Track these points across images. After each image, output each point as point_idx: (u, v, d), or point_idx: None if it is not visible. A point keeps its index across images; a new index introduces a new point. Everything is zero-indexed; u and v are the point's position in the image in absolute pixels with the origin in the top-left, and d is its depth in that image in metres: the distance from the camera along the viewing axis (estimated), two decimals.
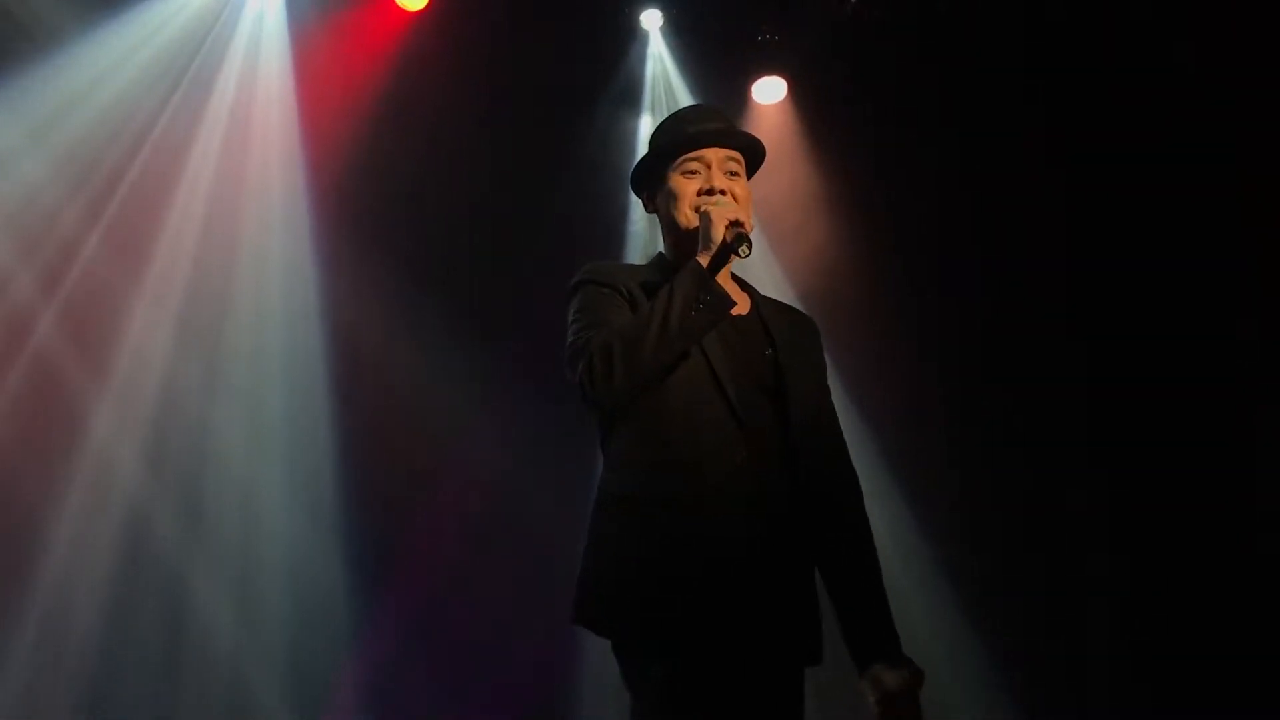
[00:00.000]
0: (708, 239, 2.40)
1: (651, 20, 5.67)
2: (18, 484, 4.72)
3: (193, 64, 5.19)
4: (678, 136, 2.61)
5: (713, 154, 2.59)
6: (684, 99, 5.71)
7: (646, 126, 5.70)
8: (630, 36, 5.71)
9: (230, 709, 4.93)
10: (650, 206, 2.67)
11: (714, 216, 2.42)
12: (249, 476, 5.11)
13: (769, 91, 5.77)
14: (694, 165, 2.58)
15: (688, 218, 2.54)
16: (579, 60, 5.59)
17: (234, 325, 5.19)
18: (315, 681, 5.09)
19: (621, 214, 5.40)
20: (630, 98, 5.74)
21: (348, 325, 5.29)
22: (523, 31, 5.41)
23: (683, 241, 2.54)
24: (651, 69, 5.77)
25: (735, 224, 2.40)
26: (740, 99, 5.77)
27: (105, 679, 4.70)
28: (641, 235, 5.51)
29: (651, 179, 2.66)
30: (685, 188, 2.57)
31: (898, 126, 5.60)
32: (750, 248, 2.37)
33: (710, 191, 2.54)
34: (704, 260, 2.38)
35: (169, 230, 5.10)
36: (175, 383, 5.04)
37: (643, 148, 5.50)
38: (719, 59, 5.73)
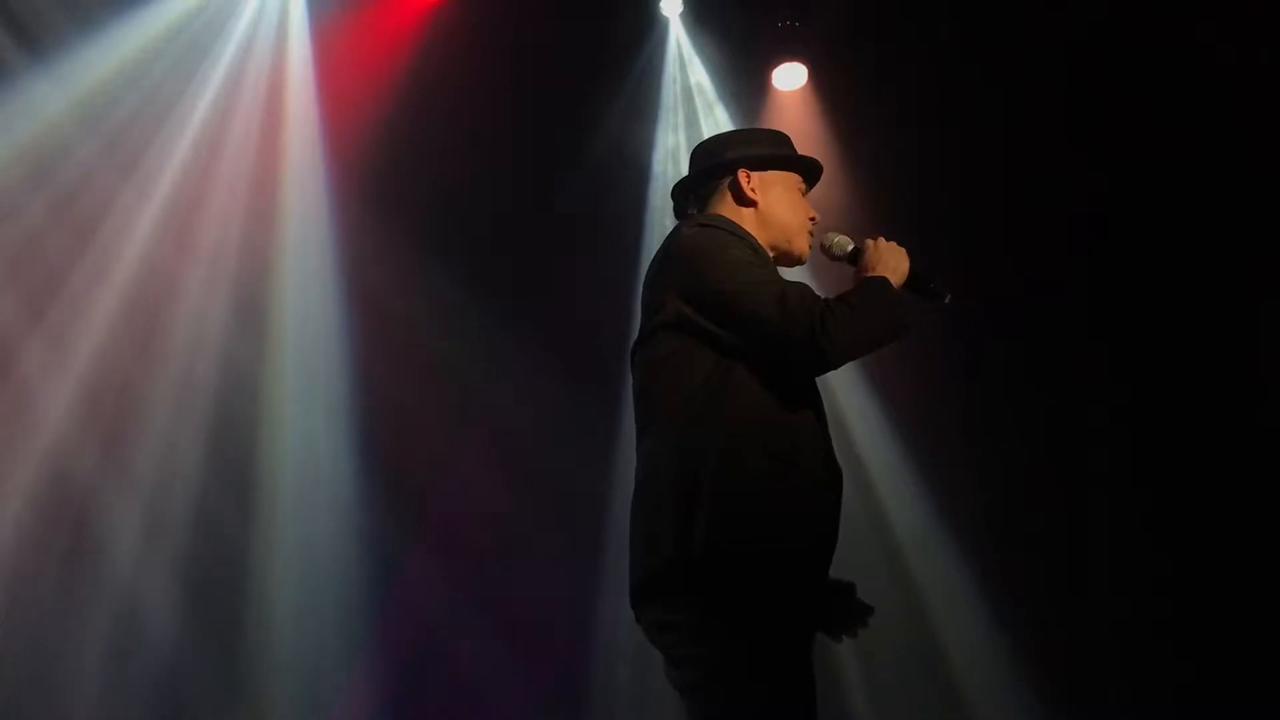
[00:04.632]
0: (896, 268, 2.53)
1: (671, 7, 5.66)
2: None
3: (220, 48, 5.24)
4: (803, 160, 2.69)
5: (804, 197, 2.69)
6: (704, 85, 5.72)
7: (666, 113, 5.68)
8: (650, 23, 5.70)
9: (240, 704, 4.96)
10: (747, 184, 2.61)
11: (903, 252, 2.54)
12: (264, 463, 5.16)
13: (789, 78, 5.72)
14: (802, 188, 2.68)
15: (801, 230, 2.63)
16: (599, 46, 5.57)
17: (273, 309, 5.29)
18: (328, 677, 5.11)
19: (639, 195, 5.39)
20: (650, 84, 5.70)
21: (368, 313, 5.33)
22: (543, 17, 5.39)
23: (782, 239, 2.62)
24: (671, 55, 5.75)
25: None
26: (760, 85, 5.73)
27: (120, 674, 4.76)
28: (659, 211, 5.51)
29: (766, 168, 2.64)
30: (802, 203, 2.65)
31: (918, 114, 5.54)
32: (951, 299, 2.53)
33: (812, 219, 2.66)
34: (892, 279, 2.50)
35: (214, 215, 5.18)
36: (232, 359, 5.14)
37: (662, 135, 5.41)
38: (739, 45, 5.70)
